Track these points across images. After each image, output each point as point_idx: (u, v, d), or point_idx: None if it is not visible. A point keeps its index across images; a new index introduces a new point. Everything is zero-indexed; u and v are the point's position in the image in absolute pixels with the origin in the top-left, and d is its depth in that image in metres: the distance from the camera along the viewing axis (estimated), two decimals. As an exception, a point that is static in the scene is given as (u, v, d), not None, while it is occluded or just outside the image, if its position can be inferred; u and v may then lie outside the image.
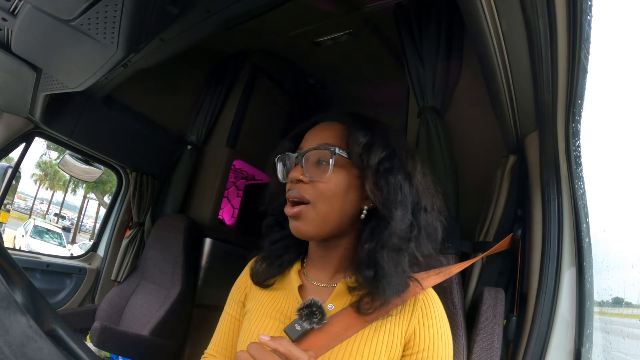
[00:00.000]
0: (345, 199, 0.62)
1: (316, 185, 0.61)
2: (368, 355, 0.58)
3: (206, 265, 1.96)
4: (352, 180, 0.62)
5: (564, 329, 0.83)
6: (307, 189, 0.62)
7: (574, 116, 0.86)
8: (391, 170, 0.61)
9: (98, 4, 0.76)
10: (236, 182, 2.54)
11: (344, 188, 0.62)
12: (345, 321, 0.61)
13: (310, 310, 0.60)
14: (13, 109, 1.54)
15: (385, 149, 0.62)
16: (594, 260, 0.92)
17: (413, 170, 0.63)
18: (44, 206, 25.02)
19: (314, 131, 0.68)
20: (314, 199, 0.61)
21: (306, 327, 0.60)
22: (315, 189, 0.61)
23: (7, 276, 0.35)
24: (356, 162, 0.61)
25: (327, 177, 0.61)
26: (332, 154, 0.61)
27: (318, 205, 0.61)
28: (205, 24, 1.12)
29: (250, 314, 0.70)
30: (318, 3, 1.55)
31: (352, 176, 0.63)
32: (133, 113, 1.93)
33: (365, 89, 2.23)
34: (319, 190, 0.61)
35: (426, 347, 0.60)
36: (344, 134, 0.64)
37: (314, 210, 0.61)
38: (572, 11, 0.67)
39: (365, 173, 0.61)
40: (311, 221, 0.62)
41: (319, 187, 0.61)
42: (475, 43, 0.80)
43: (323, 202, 0.61)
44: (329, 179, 0.61)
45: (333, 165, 0.61)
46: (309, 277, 0.70)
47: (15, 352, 0.21)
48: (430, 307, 0.63)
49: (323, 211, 0.61)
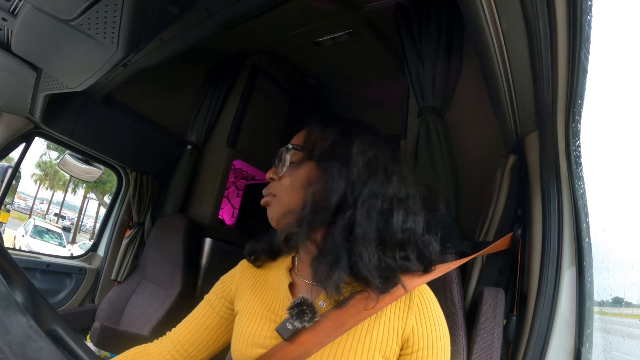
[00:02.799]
0: (307, 191, 0.63)
1: (280, 180, 0.68)
2: (362, 353, 0.58)
3: (206, 265, 1.96)
4: (312, 174, 0.65)
5: (564, 329, 0.83)
6: (275, 184, 0.69)
7: (574, 116, 0.86)
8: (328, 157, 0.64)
9: (98, 4, 0.76)
10: (236, 182, 2.54)
11: (303, 180, 0.65)
12: (337, 318, 0.60)
13: (300, 308, 0.61)
14: (13, 109, 1.54)
15: (330, 138, 0.66)
16: (594, 260, 0.92)
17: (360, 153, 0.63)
18: (44, 206, 25.03)
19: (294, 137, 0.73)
20: (278, 192, 0.68)
21: (297, 326, 0.60)
22: (279, 184, 0.68)
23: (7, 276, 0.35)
24: (307, 155, 0.67)
25: (286, 171, 0.67)
26: (287, 151, 0.69)
27: (281, 197, 0.67)
28: (205, 24, 1.12)
29: (242, 315, 0.70)
30: (318, 3, 1.55)
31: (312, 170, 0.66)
32: (133, 113, 1.93)
33: (365, 89, 2.23)
34: (282, 184, 0.67)
35: (425, 345, 0.60)
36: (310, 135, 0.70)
37: (278, 202, 0.67)
38: (572, 11, 0.67)
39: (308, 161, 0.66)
40: (276, 210, 0.67)
41: (282, 181, 0.68)
42: (475, 43, 0.80)
43: (285, 193, 0.67)
44: (288, 173, 0.67)
45: (289, 160, 0.68)
46: (300, 274, 0.70)
47: (15, 351, 0.21)
48: (426, 305, 0.63)
49: (285, 201, 0.66)
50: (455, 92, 1.33)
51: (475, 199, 1.17)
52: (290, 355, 0.60)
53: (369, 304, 0.60)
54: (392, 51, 1.84)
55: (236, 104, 2.08)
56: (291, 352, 0.60)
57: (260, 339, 0.64)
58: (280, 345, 0.61)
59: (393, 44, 1.79)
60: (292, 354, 0.60)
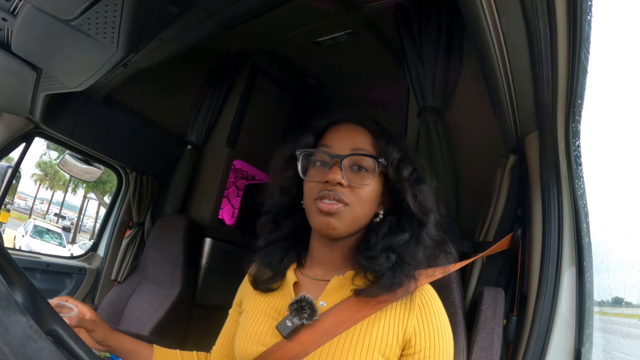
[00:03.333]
0: (374, 204, 0.67)
1: (354, 190, 0.64)
2: (361, 352, 0.58)
3: (206, 265, 1.96)
4: (380, 188, 0.67)
5: (564, 329, 0.83)
6: (345, 192, 0.63)
7: (574, 116, 0.86)
8: (419, 181, 0.67)
9: (98, 4, 0.76)
10: (236, 182, 2.54)
11: (376, 194, 0.66)
12: (337, 317, 0.61)
13: (300, 305, 0.62)
14: (13, 109, 1.54)
15: (410, 163, 0.68)
16: (594, 260, 0.92)
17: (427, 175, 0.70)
18: (44, 206, 25.02)
19: (342, 133, 0.69)
20: (352, 202, 0.63)
21: (296, 323, 0.61)
22: (353, 193, 0.64)
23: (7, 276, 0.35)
24: (392, 176, 0.66)
25: (367, 184, 0.65)
26: (378, 164, 0.65)
27: (355, 208, 0.64)
28: (205, 24, 1.12)
29: (246, 313, 0.71)
30: (318, 3, 1.55)
31: (381, 184, 0.67)
32: (133, 113, 1.93)
33: (365, 89, 2.23)
34: (357, 195, 0.64)
35: (427, 345, 0.60)
36: (375, 143, 0.68)
37: (351, 211, 0.64)
38: (572, 11, 0.67)
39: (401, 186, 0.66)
40: (344, 220, 0.63)
41: (358, 192, 0.64)
42: (475, 43, 0.80)
43: (360, 205, 0.64)
44: (367, 186, 0.65)
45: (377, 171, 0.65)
46: (307, 272, 0.70)
47: (15, 352, 0.21)
48: (429, 305, 0.63)
49: (358, 214, 0.65)
50: (455, 92, 1.33)
51: (475, 199, 1.17)
52: (289, 353, 0.60)
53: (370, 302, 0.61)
54: (392, 51, 1.84)
55: (236, 104, 2.07)
56: (290, 351, 0.60)
57: (262, 337, 0.65)
58: (279, 343, 0.62)
59: (393, 44, 1.79)
60: (291, 352, 0.60)
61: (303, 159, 0.68)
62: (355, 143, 0.66)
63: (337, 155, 0.64)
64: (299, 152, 0.68)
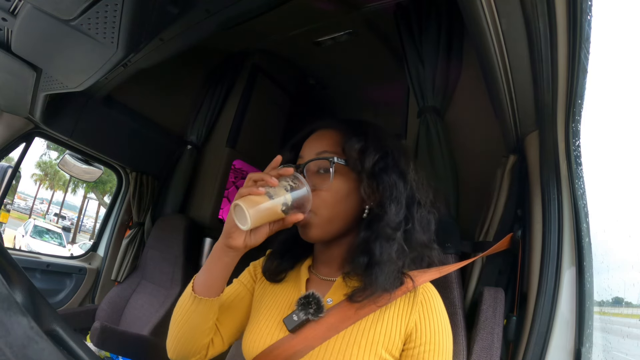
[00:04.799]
0: (347, 203, 0.65)
1: (318, 194, 0.64)
2: (366, 347, 0.59)
3: (206, 265, 1.96)
4: (351, 184, 0.65)
5: (564, 329, 0.83)
6: None
7: (574, 116, 0.86)
8: (385, 170, 0.64)
9: (98, 4, 0.76)
10: (236, 182, 2.54)
11: (345, 193, 0.65)
12: (341, 313, 0.62)
13: (307, 300, 0.63)
14: (13, 109, 1.54)
15: (379, 151, 0.65)
16: (594, 260, 0.92)
17: (406, 167, 0.67)
18: (44, 206, 25.01)
19: (311, 140, 0.70)
20: (316, 207, 0.63)
21: (302, 318, 0.62)
22: (318, 198, 0.64)
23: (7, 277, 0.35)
24: (353, 167, 0.64)
25: (328, 185, 0.64)
26: (331, 163, 0.64)
27: (321, 212, 0.64)
28: (205, 24, 1.11)
29: (259, 303, 0.72)
30: (318, 3, 1.55)
31: (351, 180, 0.66)
32: (133, 113, 1.93)
33: (365, 89, 2.23)
34: (321, 198, 0.64)
35: (427, 340, 0.61)
36: (340, 140, 0.67)
37: (318, 217, 0.64)
38: (572, 11, 0.67)
39: (361, 176, 0.64)
40: (316, 226, 0.64)
41: (321, 196, 0.64)
42: (475, 43, 0.79)
43: (326, 208, 0.64)
44: (330, 187, 0.64)
45: (334, 173, 0.64)
46: (316, 271, 0.72)
47: (16, 353, 0.21)
48: (430, 301, 0.64)
49: (327, 216, 0.64)
50: (455, 92, 1.33)
51: (475, 199, 1.17)
52: (294, 348, 0.61)
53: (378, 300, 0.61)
54: (392, 51, 1.84)
55: (236, 104, 2.07)
56: (295, 346, 0.62)
57: (272, 329, 0.66)
58: (285, 338, 0.63)
59: (393, 44, 1.79)
60: (296, 347, 0.61)
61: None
62: (320, 147, 0.67)
63: (298, 165, 0.67)
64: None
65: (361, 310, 0.61)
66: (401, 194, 0.64)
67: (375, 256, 0.61)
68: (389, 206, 0.62)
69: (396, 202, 0.63)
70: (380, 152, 0.65)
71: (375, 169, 0.64)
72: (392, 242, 0.62)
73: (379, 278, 0.60)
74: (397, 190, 0.63)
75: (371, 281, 0.60)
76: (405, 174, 0.66)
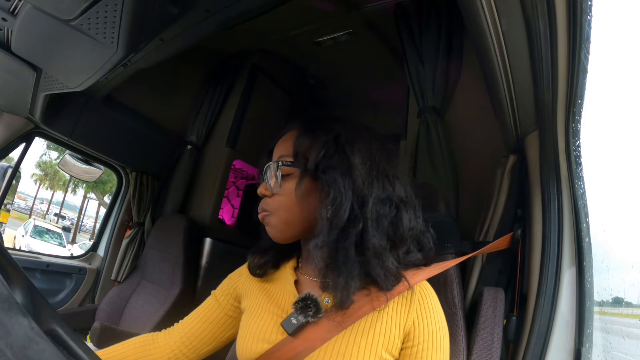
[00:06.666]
0: (303, 204, 0.63)
1: (275, 197, 0.66)
2: (365, 347, 0.59)
3: (206, 265, 1.96)
4: (309, 187, 0.63)
5: (564, 329, 0.83)
6: (268, 201, 0.67)
7: (574, 116, 0.86)
8: (326, 168, 0.61)
9: (98, 4, 0.76)
10: (236, 182, 2.54)
11: (300, 194, 0.63)
12: (340, 313, 0.61)
13: (305, 303, 0.62)
14: (13, 109, 1.54)
15: (324, 147, 0.62)
16: (594, 260, 0.92)
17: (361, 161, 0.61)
18: (44, 206, 25.01)
19: (278, 144, 0.70)
20: (274, 209, 0.65)
21: (302, 321, 0.61)
22: (274, 201, 0.66)
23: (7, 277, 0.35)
24: (300, 167, 0.63)
25: (281, 189, 0.65)
26: (277, 167, 0.65)
27: (280, 213, 0.65)
28: (205, 24, 1.11)
29: (249, 311, 0.71)
30: (318, 3, 1.55)
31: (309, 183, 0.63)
32: (133, 113, 1.93)
33: (365, 89, 2.23)
34: (277, 202, 0.65)
35: (425, 339, 0.61)
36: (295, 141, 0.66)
37: (276, 217, 0.65)
38: (572, 11, 0.67)
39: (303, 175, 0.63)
40: (275, 227, 0.66)
41: (277, 199, 0.65)
42: (475, 43, 0.79)
43: (282, 210, 0.65)
44: (282, 190, 0.65)
45: (281, 177, 0.65)
46: (304, 272, 0.71)
47: (17, 354, 0.21)
48: (427, 300, 0.64)
49: (284, 218, 0.65)
50: (455, 92, 1.33)
51: (475, 199, 1.17)
52: (294, 350, 0.61)
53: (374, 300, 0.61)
54: (392, 51, 1.84)
55: (236, 104, 2.07)
56: (296, 347, 0.61)
57: (267, 334, 0.65)
58: (285, 340, 0.62)
59: (393, 44, 1.79)
60: (297, 348, 0.61)
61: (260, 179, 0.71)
62: (281, 151, 0.68)
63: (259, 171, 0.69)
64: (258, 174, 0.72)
65: (361, 310, 0.61)
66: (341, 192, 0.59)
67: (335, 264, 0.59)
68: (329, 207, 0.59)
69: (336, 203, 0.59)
70: (325, 148, 0.62)
71: (319, 167, 0.61)
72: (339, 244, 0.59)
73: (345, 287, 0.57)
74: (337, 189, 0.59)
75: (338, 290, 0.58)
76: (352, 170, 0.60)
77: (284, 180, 0.65)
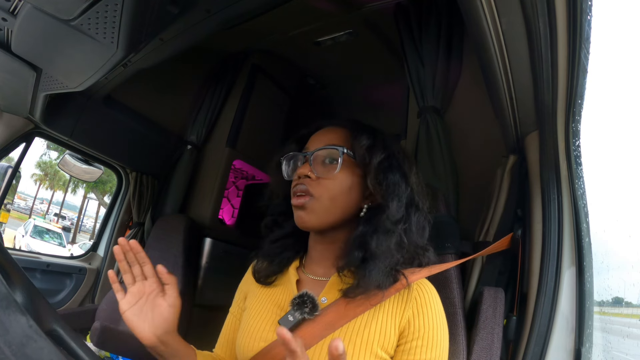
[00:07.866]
0: (348, 196, 0.67)
1: (322, 182, 0.66)
2: (361, 345, 0.59)
3: (206, 265, 1.96)
4: (354, 180, 0.67)
5: (564, 329, 0.83)
6: (313, 184, 0.66)
7: (574, 116, 0.86)
8: (390, 168, 0.66)
9: (98, 4, 0.76)
10: (236, 182, 2.54)
11: (348, 186, 0.67)
12: (337, 311, 0.62)
13: (301, 300, 0.63)
14: (13, 109, 1.54)
15: (385, 151, 0.68)
16: (594, 260, 0.92)
17: (409, 171, 0.69)
18: (44, 206, 25.02)
19: (319, 134, 0.72)
20: (319, 194, 0.66)
21: (298, 317, 0.62)
22: (321, 185, 0.66)
23: (7, 276, 0.35)
24: (360, 162, 0.67)
25: (334, 174, 0.66)
26: (340, 153, 0.66)
27: (323, 200, 0.65)
28: (205, 24, 1.11)
29: (249, 309, 0.73)
30: (318, 3, 1.55)
31: (355, 175, 0.68)
32: (133, 113, 1.93)
33: (365, 89, 2.23)
34: (324, 187, 0.66)
35: (421, 335, 0.61)
36: (348, 137, 0.69)
37: (319, 203, 0.66)
38: (572, 11, 0.67)
39: (368, 170, 0.66)
40: (314, 213, 0.66)
41: (325, 184, 0.66)
42: (475, 43, 0.80)
43: (328, 197, 0.66)
44: (335, 177, 0.66)
45: (341, 164, 0.66)
46: (307, 271, 0.72)
47: (15, 351, 0.21)
48: (424, 297, 0.64)
49: (327, 205, 0.66)
50: (455, 92, 1.33)
51: (475, 199, 1.17)
52: None
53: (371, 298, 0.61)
54: (392, 51, 1.84)
55: (236, 104, 2.07)
56: None
57: (264, 333, 0.66)
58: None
59: (393, 44, 1.79)
60: None
61: (286, 163, 0.73)
62: (328, 140, 0.70)
63: (306, 152, 0.69)
64: (282, 158, 0.73)
65: (358, 308, 0.62)
66: (402, 192, 0.65)
67: (371, 250, 0.62)
68: (391, 201, 0.64)
69: (398, 199, 0.65)
70: (385, 152, 0.67)
71: (380, 166, 0.66)
72: (391, 235, 0.63)
73: (372, 272, 0.60)
74: (400, 189, 0.65)
75: (364, 275, 0.61)
76: (407, 177, 0.68)
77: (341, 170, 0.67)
